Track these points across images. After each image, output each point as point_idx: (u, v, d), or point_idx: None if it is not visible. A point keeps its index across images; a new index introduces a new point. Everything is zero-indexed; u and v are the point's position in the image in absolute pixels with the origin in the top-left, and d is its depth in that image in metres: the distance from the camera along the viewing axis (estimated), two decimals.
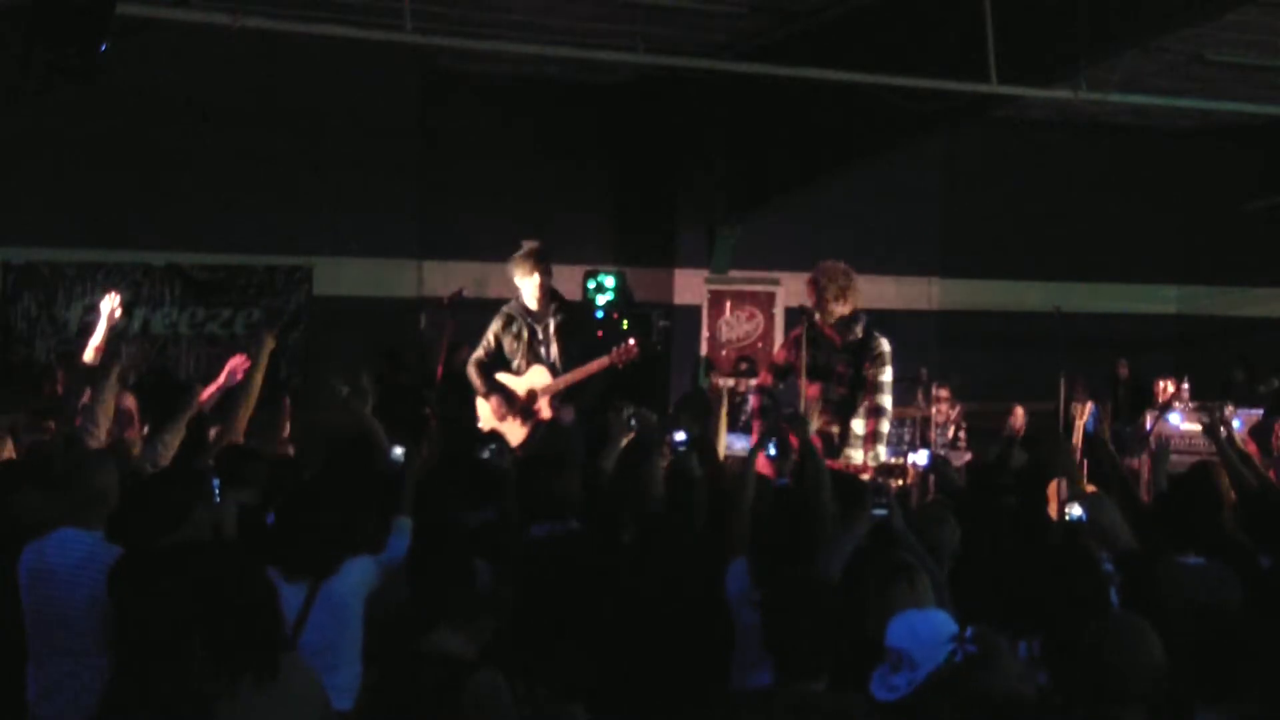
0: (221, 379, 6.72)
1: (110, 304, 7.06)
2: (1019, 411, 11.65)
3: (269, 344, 6.52)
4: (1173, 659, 3.70)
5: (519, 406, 8.42)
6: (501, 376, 8.52)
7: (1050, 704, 3.74)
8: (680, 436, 6.39)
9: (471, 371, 8.59)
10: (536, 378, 8.44)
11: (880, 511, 4.80)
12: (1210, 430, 6.66)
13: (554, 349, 8.45)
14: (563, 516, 5.34)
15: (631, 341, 8.27)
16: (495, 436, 6.71)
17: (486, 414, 8.55)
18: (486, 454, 6.10)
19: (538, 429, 8.07)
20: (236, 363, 6.69)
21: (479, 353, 8.60)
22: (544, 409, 8.36)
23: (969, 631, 3.73)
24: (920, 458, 7.25)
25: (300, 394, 12.16)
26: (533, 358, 8.45)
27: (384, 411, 9.82)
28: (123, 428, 6.47)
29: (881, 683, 3.61)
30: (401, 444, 5.60)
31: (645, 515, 5.57)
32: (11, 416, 7.21)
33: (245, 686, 3.31)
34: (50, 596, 4.50)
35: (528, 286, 8.44)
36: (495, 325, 8.57)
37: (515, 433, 8.18)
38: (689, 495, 5.70)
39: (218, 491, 5.08)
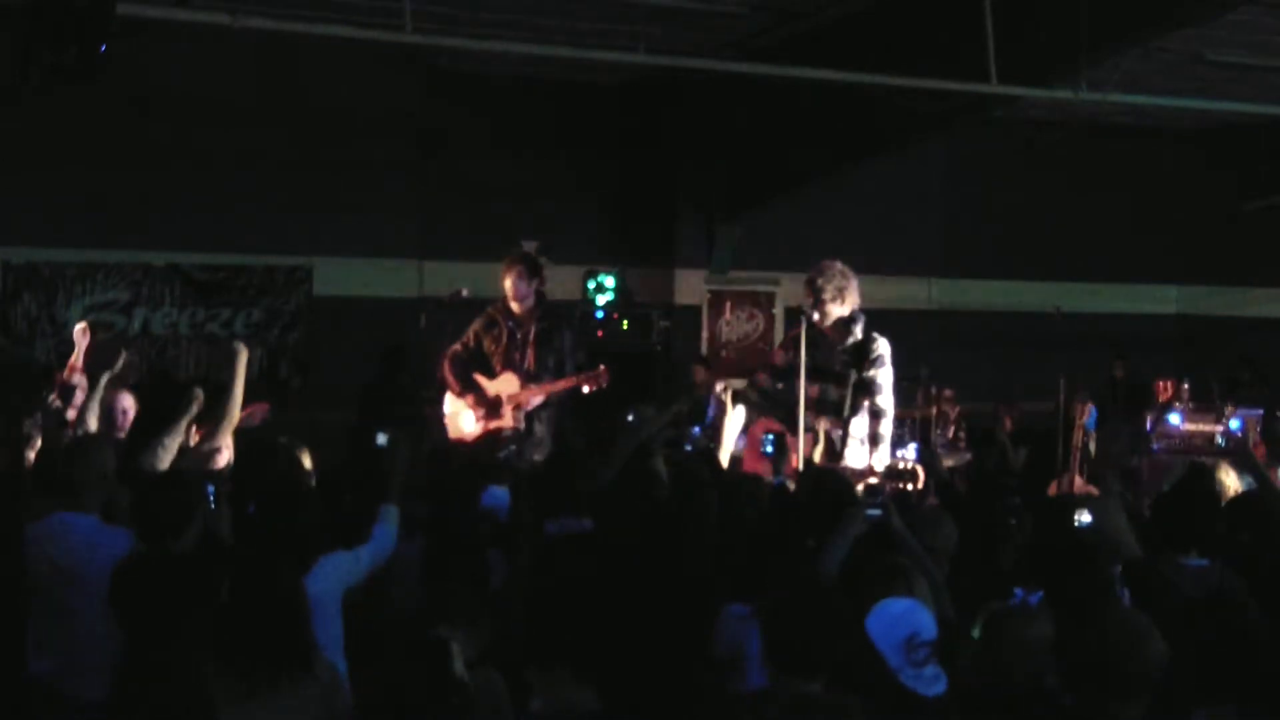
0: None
1: (80, 329, 7.45)
2: (1005, 415, 11.76)
3: (242, 354, 6.46)
4: (1174, 659, 3.70)
5: (485, 411, 8.42)
6: (476, 377, 8.55)
7: (1055, 701, 3.75)
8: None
9: (446, 366, 8.55)
10: (505, 385, 8.42)
11: (874, 512, 4.78)
12: (1245, 464, 6.61)
13: (530, 356, 8.45)
14: (578, 514, 5.36)
15: (603, 368, 8.34)
16: (515, 437, 6.74)
17: (452, 410, 8.55)
18: (504, 454, 6.12)
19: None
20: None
21: (456, 347, 8.57)
22: (507, 416, 8.35)
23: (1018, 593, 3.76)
24: (909, 453, 7.34)
25: (300, 394, 12.20)
26: (507, 362, 8.42)
27: (384, 411, 9.82)
28: (113, 426, 6.54)
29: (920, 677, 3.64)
30: (387, 430, 5.56)
31: (651, 514, 5.57)
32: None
33: (281, 685, 3.35)
34: (48, 583, 4.56)
35: (510, 292, 8.50)
36: (477, 324, 8.59)
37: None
38: (696, 495, 5.71)
39: (213, 498, 5.09)
